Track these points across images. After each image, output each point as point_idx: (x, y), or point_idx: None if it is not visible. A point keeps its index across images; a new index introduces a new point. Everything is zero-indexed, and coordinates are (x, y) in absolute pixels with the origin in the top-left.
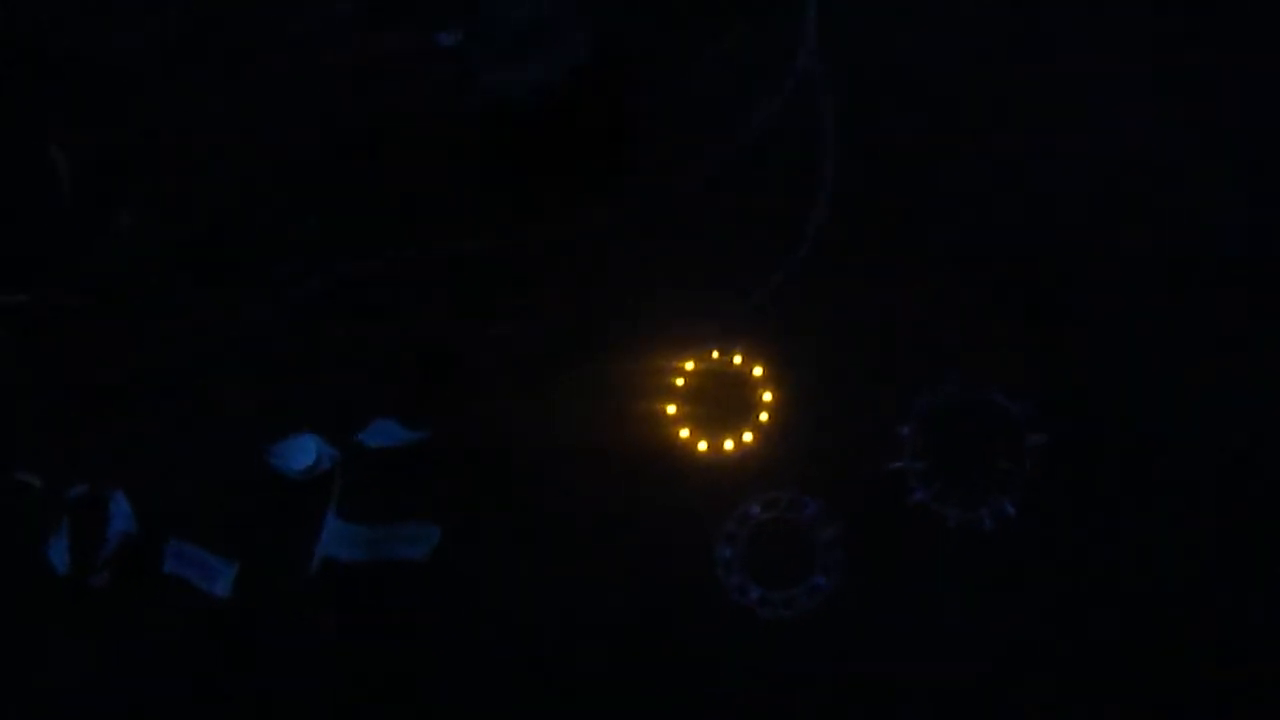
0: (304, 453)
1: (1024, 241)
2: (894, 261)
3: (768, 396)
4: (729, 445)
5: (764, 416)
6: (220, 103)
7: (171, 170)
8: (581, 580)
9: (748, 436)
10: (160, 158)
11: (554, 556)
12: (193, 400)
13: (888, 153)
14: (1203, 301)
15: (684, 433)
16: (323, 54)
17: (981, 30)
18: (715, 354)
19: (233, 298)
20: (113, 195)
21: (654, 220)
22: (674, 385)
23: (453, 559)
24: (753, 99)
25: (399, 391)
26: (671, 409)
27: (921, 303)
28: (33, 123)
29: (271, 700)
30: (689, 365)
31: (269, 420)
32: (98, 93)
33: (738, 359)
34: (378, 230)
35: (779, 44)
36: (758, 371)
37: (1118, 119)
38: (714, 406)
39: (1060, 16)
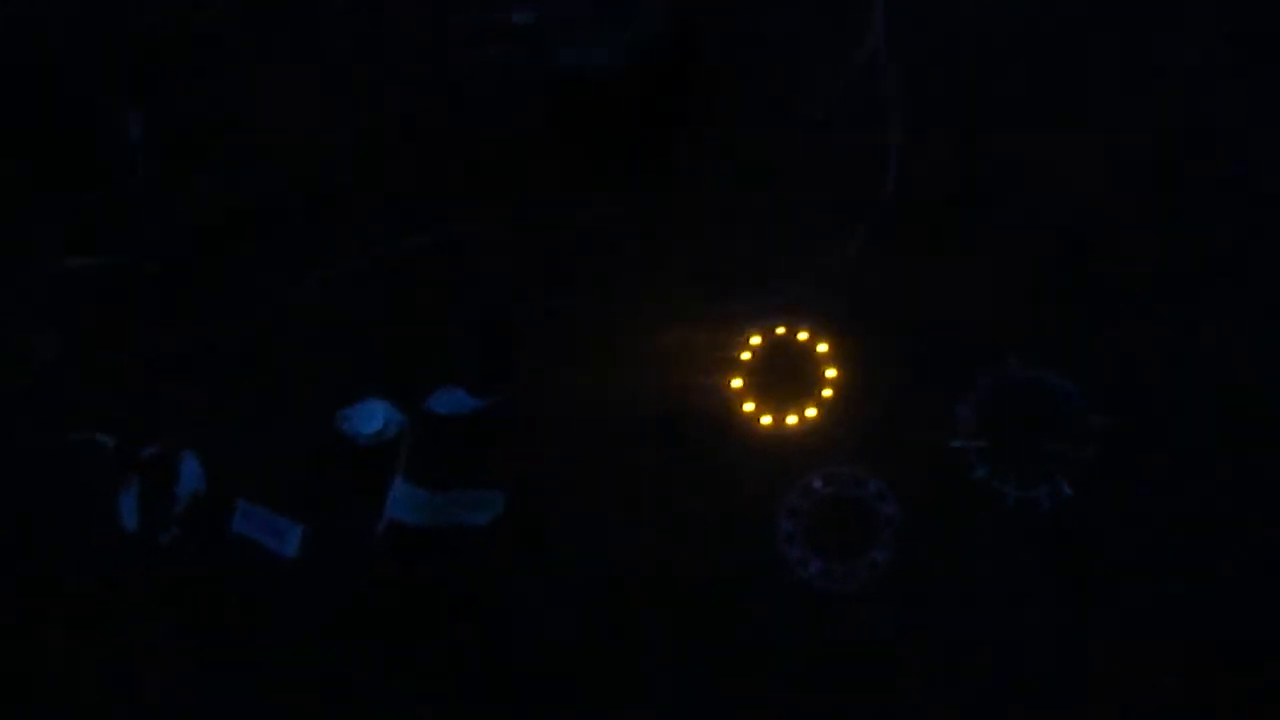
0: (372, 418)
1: (1092, 224)
2: (961, 241)
3: (832, 372)
4: (792, 420)
5: (828, 392)
6: (294, 74)
7: (245, 140)
8: (643, 549)
9: (811, 411)
10: (234, 128)
11: (616, 525)
12: (263, 364)
13: (956, 131)
14: (1267, 291)
15: (748, 406)
16: (397, 28)
17: (1053, 7)
18: (781, 329)
19: (303, 266)
20: (187, 164)
21: (721, 194)
22: (739, 359)
23: (516, 526)
24: (820, 74)
25: (466, 360)
26: (737, 382)
27: (987, 283)
28: (111, 90)
29: (335, 660)
30: (755, 339)
31: (338, 386)
32: (175, 62)
33: (803, 334)
34: (446, 202)
35: (849, 18)
36: (822, 347)
37: (1192, 100)
38: (779, 381)
39: None
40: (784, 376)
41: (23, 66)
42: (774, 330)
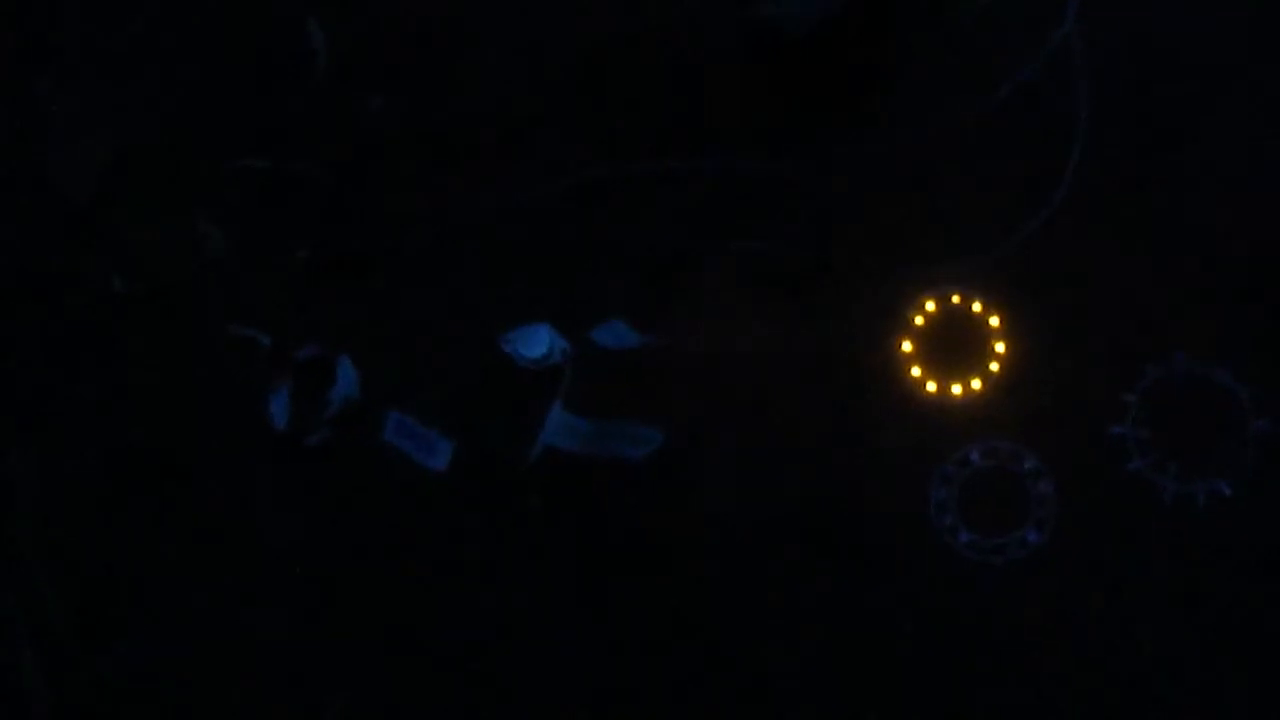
0: (537, 342)
1: (1276, 226)
2: (1142, 232)
3: (1001, 347)
4: (957, 389)
5: (995, 366)
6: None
7: (428, 59)
8: (792, 499)
9: (976, 384)
10: (417, 46)
11: (770, 471)
12: (433, 278)
13: (1145, 122)
14: None
15: (915, 370)
16: None
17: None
18: (956, 298)
19: (479, 188)
20: (366, 77)
21: (909, 158)
22: (912, 322)
23: (670, 464)
24: (1016, 52)
25: (636, 295)
26: (906, 345)
27: (1164, 275)
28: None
29: (472, 578)
30: (929, 305)
31: (504, 307)
32: None
33: (977, 306)
34: (632, 139)
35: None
36: (995, 321)
37: None
38: (947, 349)
39: None
40: (953, 346)
41: None
42: (949, 298)
